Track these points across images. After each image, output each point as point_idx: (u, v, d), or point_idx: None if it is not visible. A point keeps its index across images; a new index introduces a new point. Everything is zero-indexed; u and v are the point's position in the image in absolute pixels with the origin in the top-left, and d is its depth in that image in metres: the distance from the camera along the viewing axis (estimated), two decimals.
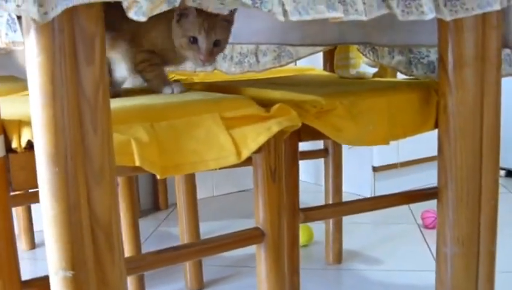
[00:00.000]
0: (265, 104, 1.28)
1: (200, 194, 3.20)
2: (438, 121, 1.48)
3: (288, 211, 1.41)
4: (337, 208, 1.61)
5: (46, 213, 0.88)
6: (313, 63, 2.56)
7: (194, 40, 1.34)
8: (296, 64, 3.21)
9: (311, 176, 3.59)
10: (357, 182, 3.22)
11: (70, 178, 0.87)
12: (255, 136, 1.20)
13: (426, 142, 2.11)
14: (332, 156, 2.22)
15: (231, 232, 1.29)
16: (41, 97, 0.85)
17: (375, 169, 3.16)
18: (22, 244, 2.56)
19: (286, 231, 1.39)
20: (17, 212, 2.56)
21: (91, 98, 0.89)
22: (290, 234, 1.42)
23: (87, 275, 0.90)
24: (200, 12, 1.30)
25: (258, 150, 1.24)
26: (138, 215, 2.90)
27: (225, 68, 2.16)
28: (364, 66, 1.96)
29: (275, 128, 1.21)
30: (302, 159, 3.20)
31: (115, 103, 1.23)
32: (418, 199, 1.62)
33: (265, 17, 1.96)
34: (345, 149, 2.82)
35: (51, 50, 0.84)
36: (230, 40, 1.41)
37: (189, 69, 2.03)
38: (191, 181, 2.05)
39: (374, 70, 1.94)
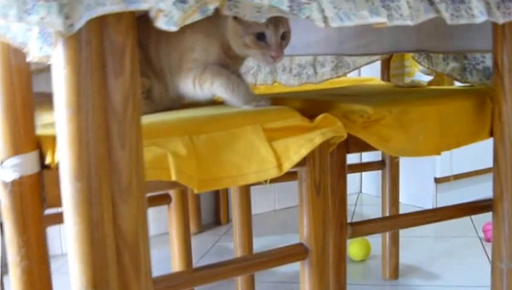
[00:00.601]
0: (312, 114, 1.24)
1: (262, 208, 3.16)
2: (493, 129, 1.41)
3: (335, 225, 1.35)
4: (386, 222, 1.54)
5: (69, 229, 0.85)
6: (376, 74, 2.51)
7: (261, 36, 1.25)
8: (360, 75, 3.18)
9: (373, 188, 3.51)
10: (418, 194, 3.12)
11: (93, 194, 0.83)
12: (297, 148, 1.15)
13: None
14: (389, 167, 2.14)
15: (275, 248, 1.25)
16: (66, 110, 0.82)
17: (437, 180, 3.05)
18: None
19: (332, 247, 1.34)
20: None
21: (119, 111, 0.85)
22: (336, 250, 1.36)
23: None
24: None
25: (303, 163, 1.19)
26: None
27: (284, 80, 2.14)
28: (419, 74, 1.89)
29: (318, 140, 1.16)
30: (356, 171, 3.16)
31: (155, 117, 1.20)
32: (471, 212, 1.54)
33: (321, 29, 1.93)
34: (406, 160, 2.74)
35: (77, 62, 0.81)
36: (288, 52, 1.37)
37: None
38: (245, 196, 2.01)
39: (429, 78, 1.87)
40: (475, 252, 2.43)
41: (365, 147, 1.32)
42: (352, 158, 3.12)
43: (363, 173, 3.49)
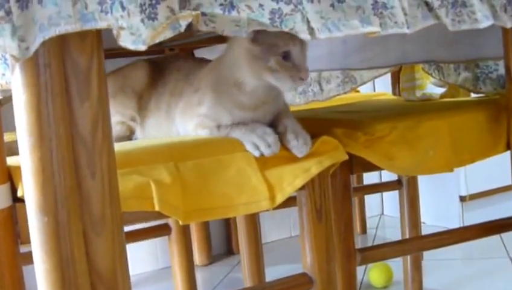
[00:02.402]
0: (313, 134, 1.20)
1: (276, 235, 3.11)
2: (510, 142, 1.36)
3: (342, 252, 1.31)
4: (398, 247, 1.49)
5: (37, 268, 0.82)
6: (389, 88, 2.47)
7: (286, 56, 1.12)
8: (375, 91, 3.14)
9: (396, 209, 3.44)
10: (443, 214, 3.05)
11: (62, 229, 0.81)
12: (291, 179, 1.12)
13: None
14: (406, 187, 2.09)
15: (277, 279, 1.21)
16: (28, 138, 0.80)
17: (462, 199, 2.98)
18: None
19: (341, 276, 1.29)
20: None
21: (87, 138, 0.82)
22: (345, 279, 1.31)
23: None
24: None
25: (301, 187, 1.15)
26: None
27: (289, 99, 2.10)
28: (431, 86, 1.85)
29: (315, 170, 1.14)
30: (374, 192, 3.11)
31: (138, 142, 1.17)
32: (491, 232, 1.48)
33: (324, 43, 1.90)
34: (427, 177, 2.69)
35: (36, 87, 0.79)
36: None
37: None
38: (252, 222, 1.97)
39: (442, 90, 1.83)
40: (506, 275, 2.36)
41: (370, 166, 1.29)
42: (371, 178, 3.07)
43: (384, 193, 3.43)
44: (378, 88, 3.14)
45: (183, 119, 1.26)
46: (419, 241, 1.51)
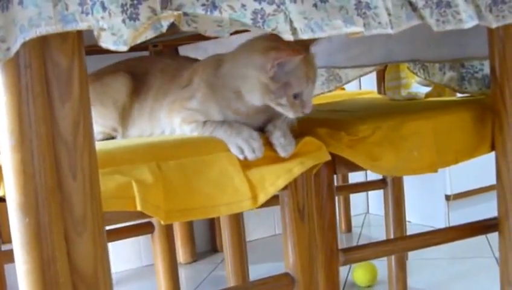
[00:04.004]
0: (296, 133, 1.22)
1: (260, 234, 3.12)
2: (494, 142, 1.37)
3: (325, 252, 1.31)
4: (383, 247, 1.49)
5: (18, 268, 0.82)
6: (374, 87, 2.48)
7: (297, 95, 1.16)
8: (360, 89, 3.15)
9: (381, 208, 3.45)
10: (429, 213, 3.07)
11: (43, 229, 0.81)
12: (274, 179, 1.12)
13: None
14: (391, 186, 2.10)
15: (259, 278, 1.22)
16: (9, 139, 0.80)
17: (448, 198, 3.00)
18: None
19: (323, 276, 1.30)
20: None
21: (69, 139, 0.83)
22: (329, 280, 1.32)
23: None
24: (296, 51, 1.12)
25: (284, 187, 1.16)
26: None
27: None
28: (416, 86, 1.86)
29: (297, 170, 1.14)
30: (359, 191, 3.12)
31: (121, 142, 1.18)
32: (475, 233, 1.50)
33: None
34: (413, 177, 2.70)
35: (16, 88, 0.80)
36: None
37: None
38: (236, 221, 1.98)
39: (427, 90, 1.83)
40: (490, 274, 2.37)
41: (354, 166, 1.29)
42: (356, 176, 3.08)
43: (369, 192, 3.44)
44: (364, 86, 3.15)
45: (170, 116, 1.26)
46: (403, 241, 1.52)
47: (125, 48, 0.81)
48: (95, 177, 0.86)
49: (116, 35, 0.80)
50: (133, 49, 0.85)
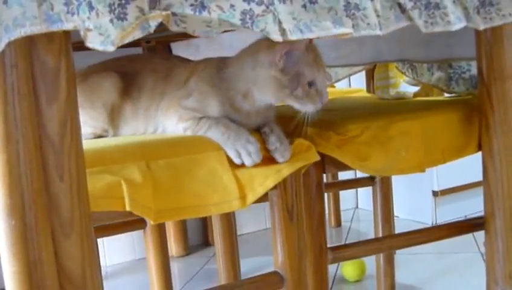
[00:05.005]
0: (286, 132, 1.20)
1: (251, 228, 3.10)
2: (481, 142, 1.35)
3: (314, 251, 1.29)
4: (370, 246, 1.47)
5: (5, 270, 0.79)
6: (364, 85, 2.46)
7: (311, 84, 1.14)
8: (351, 86, 3.13)
9: (370, 202, 3.43)
10: (416, 208, 3.05)
11: (30, 231, 0.78)
12: (263, 179, 1.10)
13: None
14: (379, 183, 2.08)
15: (250, 277, 1.19)
16: None
17: (435, 194, 2.99)
18: None
19: (312, 274, 1.27)
20: None
21: (55, 140, 0.80)
22: (317, 278, 1.29)
23: None
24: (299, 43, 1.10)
25: (273, 187, 1.13)
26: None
27: None
28: (404, 85, 1.84)
29: (286, 171, 1.12)
30: (348, 188, 3.09)
31: (110, 141, 1.15)
32: (461, 231, 1.47)
33: None
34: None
35: (2, 88, 0.77)
36: None
37: None
38: (227, 215, 1.95)
39: (415, 89, 1.81)
40: (476, 270, 2.36)
41: (343, 166, 1.27)
42: (347, 173, 3.05)
43: (359, 189, 3.42)
44: (354, 84, 3.13)
45: (167, 115, 1.23)
46: (390, 240, 1.50)
47: (112, 48, 0.78)
48: (83, 178, 0.83)
49: (104, 35, 0.77)
50: (125, 45, 0.83)
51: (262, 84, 1.14)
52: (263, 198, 1.14)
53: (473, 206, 2.87)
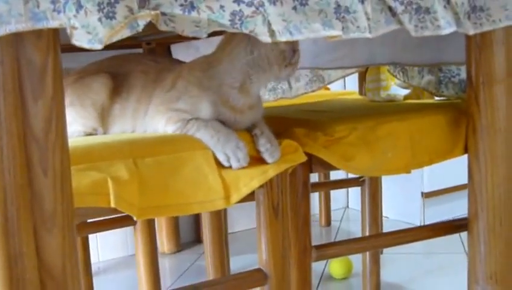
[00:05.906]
0: (275, 133, 1.19)
1: (242, 226, 3.08)
2: (467, 145, 1.34)
3: (298, 249, 1.28)
4: (355, 245, 1.45)
5: None
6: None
7: (295, 51, 1.18)
8: (345, 89, 3.13)
9: (359, 202, 3.43)
10: (405, 209, 3.05)
11: (11, 225, 0.78)
12: (248, 180, 1.09)
13: None
14: (368, 184, 2.07)
15: (234, 274, 1.18)
16: None
17: (424, 195, 2.98)
18: None
19: (296, 272, 1.27)
20: None
21: (40, 136, 0.79)
22: (301, 275, 1.29)
23: None
24: None
25: (260, 185, 1.13)
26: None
27: None
28: (395, 88, 1.83)
29: (272, 172, 1.11)
30: (338, 188, 3.09)
31: (99, 139, 1.14)
32: (445, 232, 1.47)
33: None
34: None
35: None
36: None
37: None
38: (216, 213, 1.94)
39: (405, 92, 1.81)
40: (461, 269, 2.35)
41: (329, 166, 1.26)
42: (338, 173, 3.05)
43: (350, 189, 3.42)
44: (349, 86, 3.12)
45: (155, 118, 1.21)
46: (376, 239, 1.50)
47: (99, 47, 0.77)
48: (67, 174, 0.82)
49: (92, 33, 0.77)
50: (126, 46, 0.82)
51: (265, 62, 1.14)
52: (250, 197, 1.13)
53: (461, 207, 2.87)
